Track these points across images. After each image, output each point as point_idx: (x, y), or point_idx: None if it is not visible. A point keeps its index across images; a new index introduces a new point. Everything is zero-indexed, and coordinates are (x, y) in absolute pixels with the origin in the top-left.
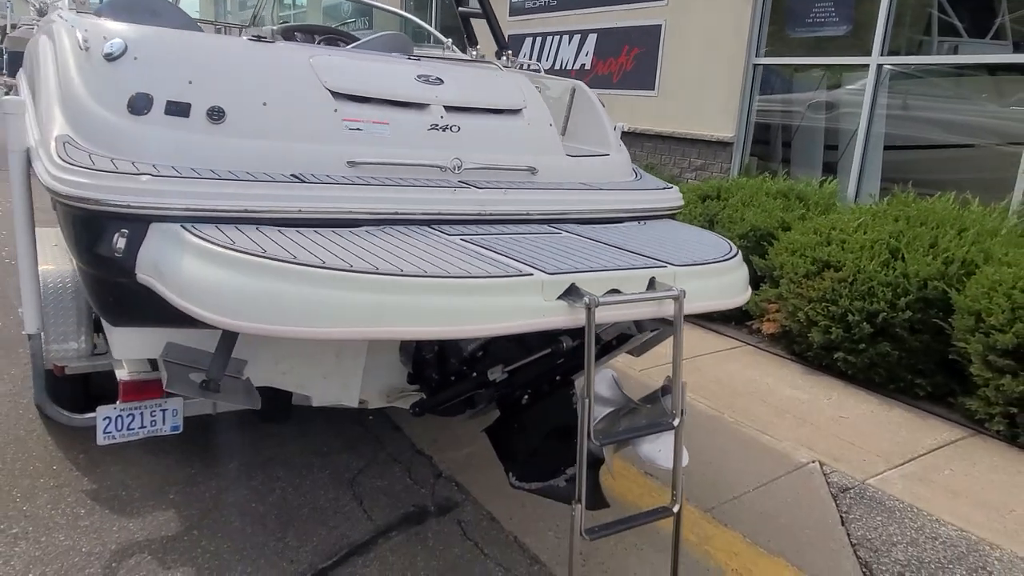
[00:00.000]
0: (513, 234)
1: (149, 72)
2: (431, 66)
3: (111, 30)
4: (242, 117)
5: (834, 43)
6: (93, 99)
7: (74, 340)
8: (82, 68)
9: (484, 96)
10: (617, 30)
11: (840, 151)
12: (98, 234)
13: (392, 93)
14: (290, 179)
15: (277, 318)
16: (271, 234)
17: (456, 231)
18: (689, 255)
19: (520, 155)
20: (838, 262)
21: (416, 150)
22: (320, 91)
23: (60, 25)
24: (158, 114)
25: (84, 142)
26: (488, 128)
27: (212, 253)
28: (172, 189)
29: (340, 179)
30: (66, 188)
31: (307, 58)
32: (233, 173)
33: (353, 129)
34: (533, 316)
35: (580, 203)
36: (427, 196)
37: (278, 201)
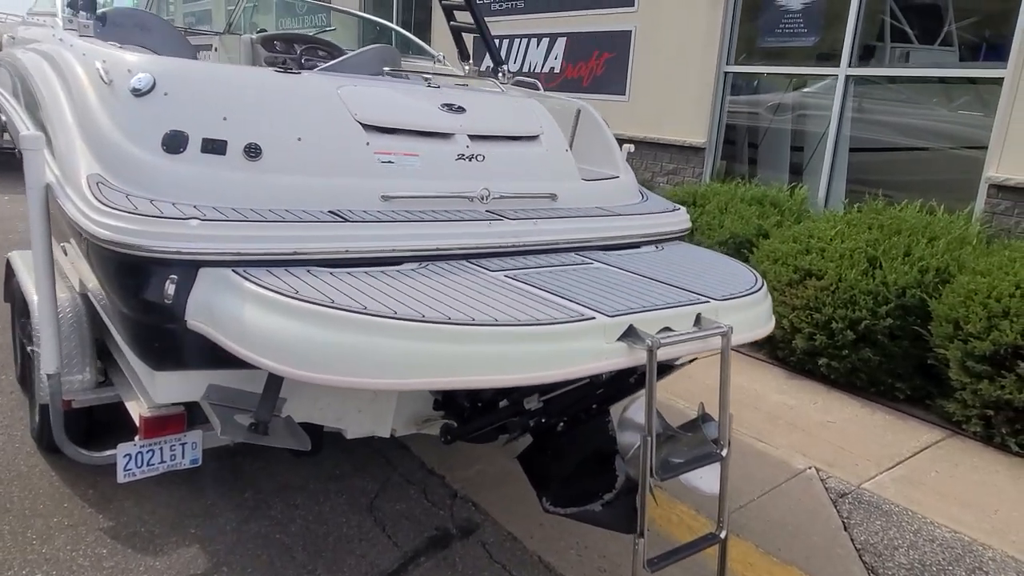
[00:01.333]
0: (550, 267)
1: (182, 108)
2: (451, 93)
3: (133, 62)
4: (278, 153)
5: (803, 53)
6: (125, 137)
7: (79, 371)
8: (107, 103)
9: (504, 124)
10: (587, 35)
11: (807, 154)
12: (145, 280)
13: (420, 124)
14: (334, 218)
15: (351, 369)
16: (325, 277)
17: (496, 265)
18: (724, 287)
19: (541, 182)
20: (820, 271)
21: (445, 181)
22: (351, 124)
23: (67, 52)
24: (194, 152)
25: (118, 182)
26: (510, 156)
27: (277, 303)
28: (222, 234)
29: (380, 215)
30: (109, 233)
31: (335, 89)
32: (277, 214)
33: (385, 162)
34: (596, 359)
35: (603, 230)
36: (465, 230)
37: (326, 242)
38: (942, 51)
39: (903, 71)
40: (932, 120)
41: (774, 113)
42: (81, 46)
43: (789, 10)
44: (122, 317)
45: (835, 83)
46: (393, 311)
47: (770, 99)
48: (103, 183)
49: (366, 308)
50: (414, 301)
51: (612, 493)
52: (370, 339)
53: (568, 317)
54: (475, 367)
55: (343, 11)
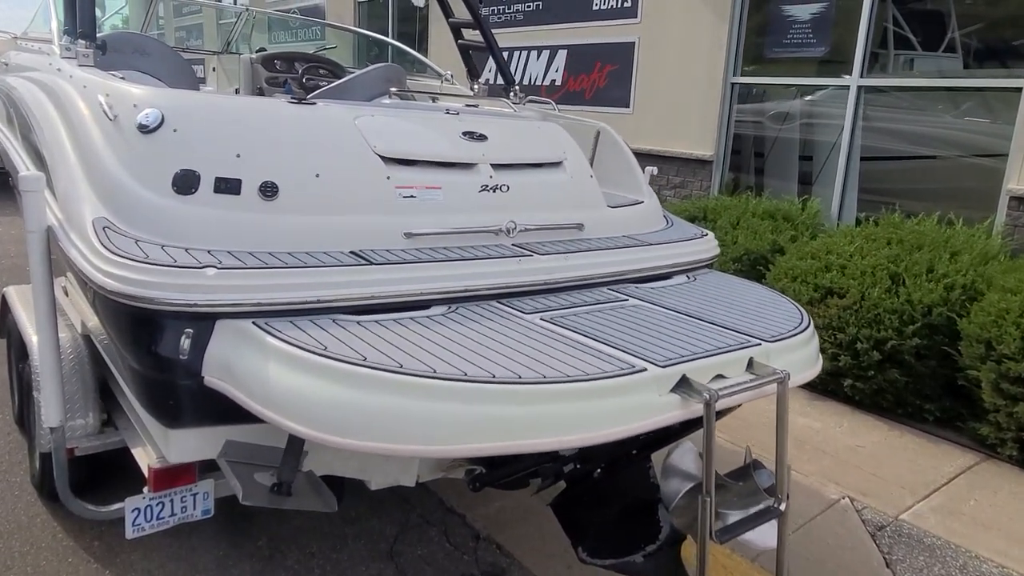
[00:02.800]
0: (585, 306)
1: (192, 146)
2: (471, 120)
3: (139, 96)
4: (296, 191)
5: (813, 63)
6: (131, 177)
7: (81, 416)
8: (112, 141)
9: (527, 151)
10: (589, 47)
11: (816, 165)
12: (158, 334)
13: (441, 155)
14: (357, 260)
15: (390, 435)
16: (352, 328)
17: (529, 306)
18: (772, 325)
19: (567, 211)
20: (841, 289)
21: (470, 215)
22: (370, 157)
23: (66, 84)
24: (207, 193)
25: (125, 226)
26: (534, 185)
27: (305, 361)
28: (240, 283)
29: (405, 255)
30: (118, 285)
31: (352, 119)
32: (298, 258)
33: (407, 197)
34: (650, 415)
35: (634, 262)
36: (494, 269)
37: (351, 288)
38: (947, 58)
39: (917, 81)
40: (941, 128)
41: (781, 124)
42: (81, 77)
43: (797, 20)
44: (132, 372)
45: (840, 92)
46: (432, 368)
47: (776, 109)
48: (110, 228)
49: (402, 366)
50: (452, 355)
51: (655, 545)
52: (410, 402)
53: (619, 369)
54: (524, 430)
55: (347, 29)
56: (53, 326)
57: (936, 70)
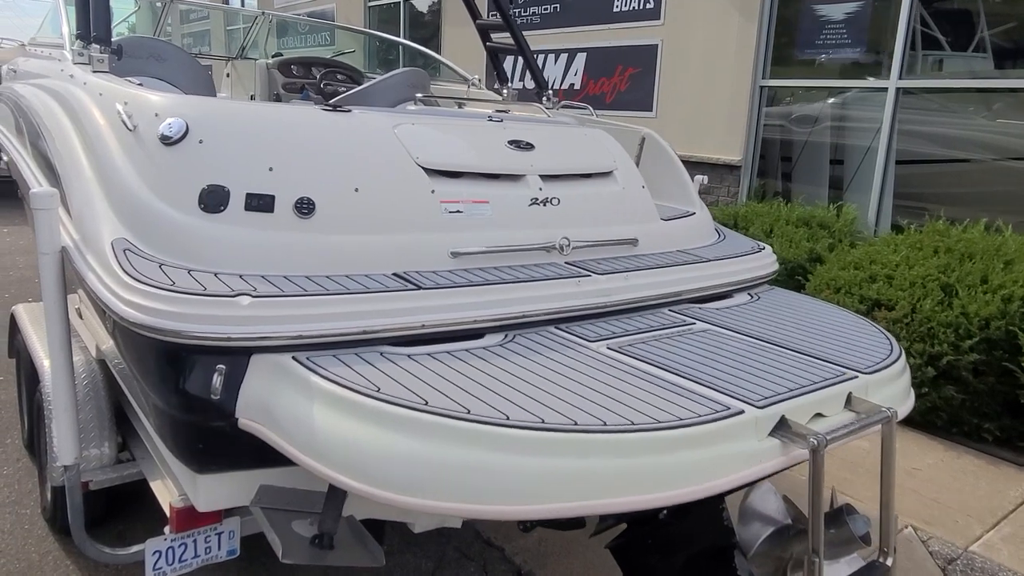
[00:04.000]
0: (652, 332)
1: (220, 158)
2: (516, 128)
3: (161, 104)
4: (334, 208)
5: (847, 65)
6: (154, 194)
7: (96, 445)
8: (132, 153)
9: (577, 160)
10: (609, 49)
11: (849, 170)
12: (187, 371)
13: (488, 166)
14: (403, 285)
15: (459, 494)
16: (404, 363)
17: (593, 333)
18: (862, 354)
19: (621, 225)
20: (889, 300)
21: (520, 231)
22: (412, 168)
23: (80, 92)
24: (237, 211)
25: (148, 248)
26: (585, 197)
27: (356, 405)
28: (278, 313)
29: (454, 278)
30: (142, 316)
31: (391, 127)
32: (339, 283)
33: (453, 212)
34: (750, 464)
35: (695, 280)
36: (552, 292)
37: (399, 317)
38: (978, 58)
39: (958, 82)
40: (974, 130)
41: (810, 127)
42: (96, 84)
43: (831, 20)
44: (157, 411)
45: (876, 94)
46: (504, 414)
47: (804, 112)
48: (131, 250)
49: (470, 411)
50: (522, 396)
51: None
52: (483, 454)
53: (713, 412)
54: (615, 486)
55: (371, 33)
56: (68, 357)
57: (967, 70)
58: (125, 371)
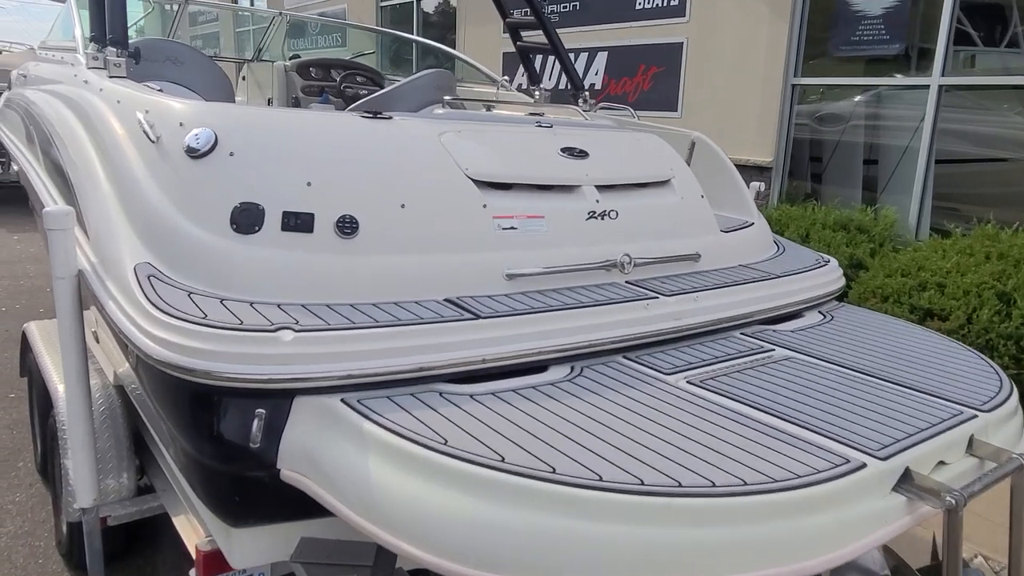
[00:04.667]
0: (730, 361)
1: (254, 172)
2: (566, 134)
3: (186, 113)
4: (379, 226)
5: (885, 62)
6: (181, 212)
7: (114, 475)
8: (155, 167)
9: (633, 168)
10: (631, 48)
11: (885, 171)
12: (221, 416)
13: (542, 176)
14: (459, 313)
15: (551, 570)
16: (468, 406)
17: (667, 363)
18: (971, 387)
19: (681, 239)
20: (942, 310)
21: (578, 248)
22: (462, 181)
23: (95, 99)
24: (273, 231)
25: (174, 274)
26: (644, 209)
27: (421, 461)
28: (325, 350)
29: (512, 304)
30: (170, 354)
31: (436, 136)
32: (388, 312)
33: (507, 229)
34: (875, 527)
35: (766, 300)
36: (620, 318)
37: (457, 351)
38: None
39: (1004, 79)
40: (1011, 128)
41: (843, 127)
42: (113, 90)
43: (867, 16)
44: (187, 457)
45: (917, 92)
46: (595, 473)
47: (835, 111)
48: (156, 276)
49: (555, 469)
50: (609, 447)
51: None
52: (575, 524)
53: (832, 466)
54: (732, 560)
55: (394, 33)
56: (86, 392)
57: (1001, 66)
58: (147, 403)
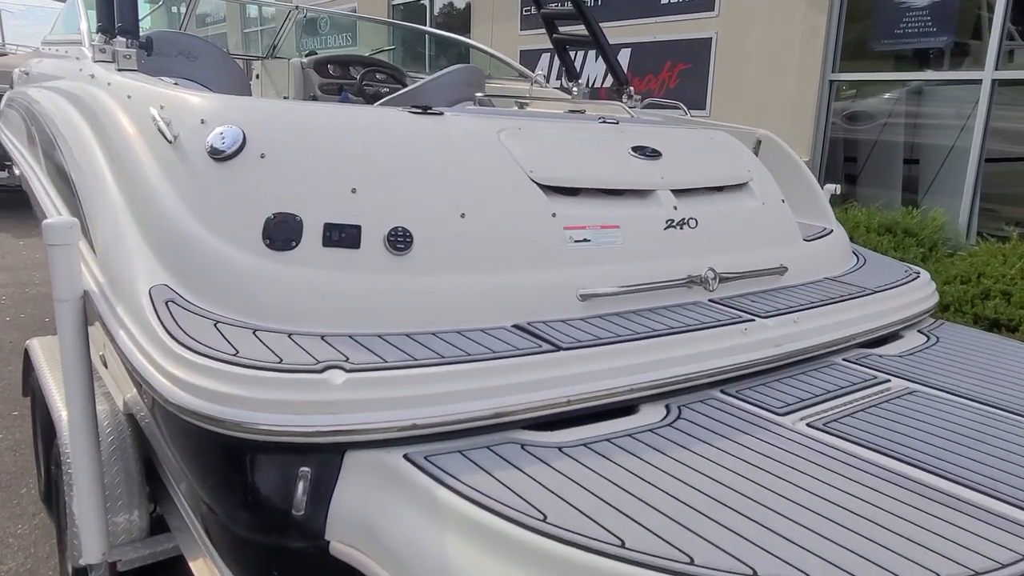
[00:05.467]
0: (844, 395)
1: (289, 177)
2: (635, 131)
3: (208, 108)
4: (436, 240)
5: (932, 55)
6: (202, 224)
7: (125, 511)
8: (172, 171)
9: (708, 170)
10: (656, 44)
11: (928, 170)
12: (257, 476)
13: (614, 180)
14: (535, 344)
15: None
16: (559, 463)
17: (776, 401)
18: None
19: (765, 249)
20: (1010, 320)
21: (656, 261)
22: (527, 186)
23: (103, 94)
24: (313, 246)
25: (197, 298)
26: (723, 216)
27: (517, 543)
28: (384, 395)
29: (593, 330)
30: (196, 401)
31: (495, 133)
32: (453, 344)
33: (579, 242)
34: None
35: (868, 320)
36: (717, 346)
37: (539, 391)
38: None
39: None
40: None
41: (882, 124)
42: (123, 84)
43: (912, 7)
44: (215, 523)
45: (966, 88)
46: (749, 567)
47: (873, 108)
48: (175, 302)
49: (693, 559)
50: (746, 522)
51: None
52: None
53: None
54: None
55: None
56: (92, 432)
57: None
58: (165, 448)
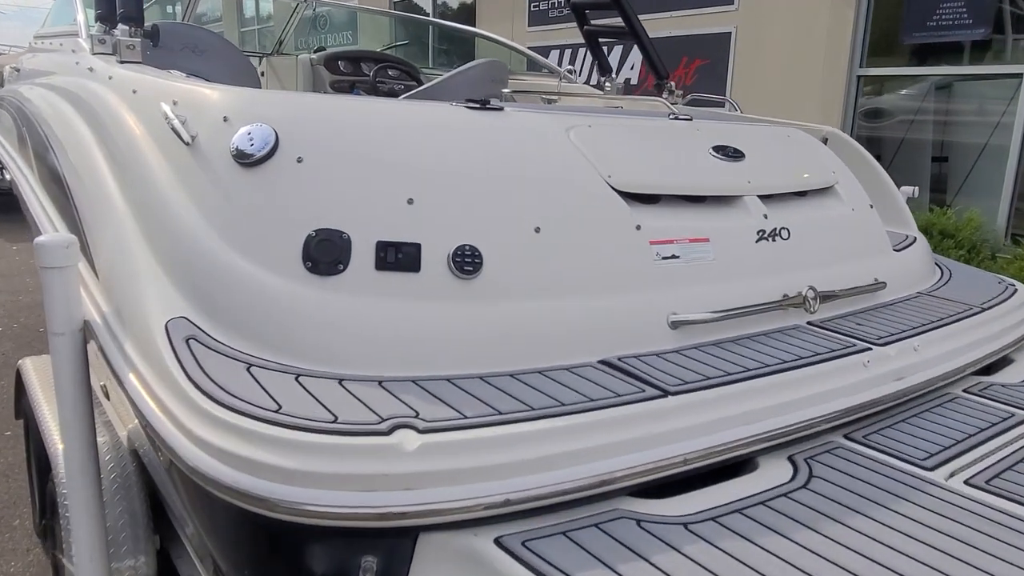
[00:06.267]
0: (995, 440)
1: (332, 186)
2: (711, 128)
3: (231, 103)
4: (508, 260)
5: (969, 49)
6: (228, 244)
7: (130, 555)
8: (189, 179)
9: (793, 172)
10: (672, 39)
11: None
12: (309, 567)
13: (698, 184)
14: (639, 388)
15: None
16: (687, 545)
17: (919, 451)
18: None
19: (859, 261)
20: None
21: (749, 280)
22: (606, 193)
23: (103, 89)
24: (364, 270)
25: (224, 335)
26: (814, 224)
27: None
28: (467, 464)
29: (695, 365)
30: (234, 475)
31: (563, 131)
32: (547, 392)
33: (667, 258)
34: None
35: (984, 343)
36: (839, 383)
37: (650, 449)
38: None
39: None
40: None
41: (910, 120)
42: (127, 78)
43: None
44: None
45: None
46: None
47: (898, 104)
48: (197, 339)
49: None
50: None
51: None
52: None
53: None
54: None
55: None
56: (95, 484)
57: None
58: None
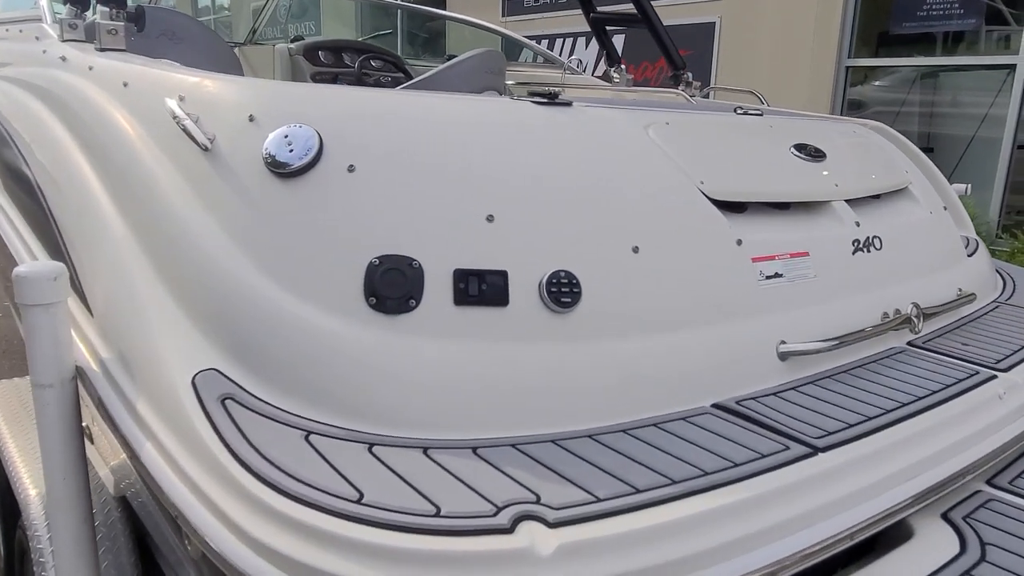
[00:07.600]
0: None
1: (393, 202)
2: (783, 125)
3: (257, 100)
4: (607, 287)
5: (959, 39)
6: (266, 275)
7: None
8: (211, 193)
9: (872, 174)
10: None
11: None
12: None
13: (788, 189)
14: (774, 441)
15: None
16: None
17: None
18: None
19: (946, 270)
20: None
21: (850, 297)
22: (701, 204)
23: (82, 82)
24: (441, 305)
25: (268, 392)
26: (900, 231)
27: None
28: (612, 571)
29: (810, 405)
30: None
31: (643, 130)
32: (671, 454)
33: (771, 277)
34: None
35: None
36: (981, 424)
37: (814, 524)
38: None
39: None
40: None
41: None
42: (112, 68)
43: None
44: None
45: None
46: None
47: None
48: (235, 398)
49: None
50: None
51: None
52: None
53: None
54: None
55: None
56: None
57: None
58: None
